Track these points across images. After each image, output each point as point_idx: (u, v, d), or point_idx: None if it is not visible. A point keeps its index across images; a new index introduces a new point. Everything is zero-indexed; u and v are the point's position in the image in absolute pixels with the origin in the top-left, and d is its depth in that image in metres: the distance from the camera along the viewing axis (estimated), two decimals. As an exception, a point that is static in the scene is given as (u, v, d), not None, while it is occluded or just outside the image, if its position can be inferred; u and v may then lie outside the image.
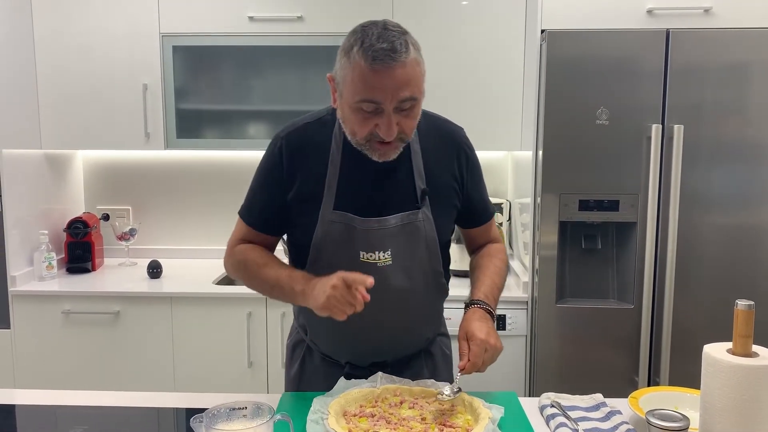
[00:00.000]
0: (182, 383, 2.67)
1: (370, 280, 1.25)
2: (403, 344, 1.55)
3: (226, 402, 1.11)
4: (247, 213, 1.52)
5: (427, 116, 1.53)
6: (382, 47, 1.27)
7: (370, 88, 1.28)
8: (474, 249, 1.67)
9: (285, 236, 1.57)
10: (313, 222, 1.43)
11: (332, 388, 1.39)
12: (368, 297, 1.24)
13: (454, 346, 1.68)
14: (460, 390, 1.34)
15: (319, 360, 1.58)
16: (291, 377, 1.63)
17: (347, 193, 1.42)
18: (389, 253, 1.43)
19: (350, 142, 1.41)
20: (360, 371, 1.50)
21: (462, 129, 1.58)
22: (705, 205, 2.35)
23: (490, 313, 1.45)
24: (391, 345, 1.52)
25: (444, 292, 1.58)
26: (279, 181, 1.45)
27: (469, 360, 1.33)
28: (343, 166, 1.43)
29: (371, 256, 1.42)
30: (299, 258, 1.48)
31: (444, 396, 1.32)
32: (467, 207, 1.56)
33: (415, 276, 1.47)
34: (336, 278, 1.27)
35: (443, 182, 1.50)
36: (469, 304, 1.47)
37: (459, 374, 1.35)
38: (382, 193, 1.44)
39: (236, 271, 1.52)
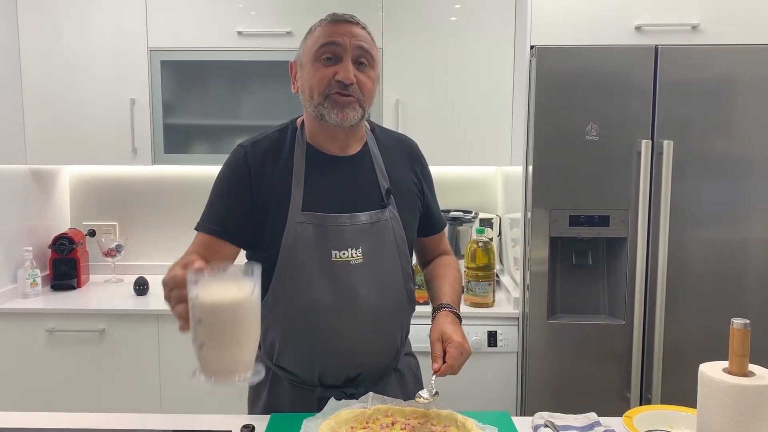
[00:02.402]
0: (169, 403, 2.62)
1: (198, 264, 1.01)
2: (374, 355, 1.49)
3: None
4: (207, 221, 1.45)
5: (382, 128, 1.62)
6: (343, 14, 1.44)
7: (330, 34, 1.40)
8: (427, 261, 1.71)
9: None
10: (281, 226, 1.41)
11: (306, 413, 1.37)
12: (202, 266, 1.02)
13: (422, 364, 1.68)
14: (437, 393, 1.33)
15: (287, 386, 1.51)
16: (260, 411, 1.53)
17: (314, 193, 1.43)
18: (360, 250, 1.43)
19: (313, 146, 1.46)
20: (332, 392, 1.44)
21: (415, 141, 1.65)
22: (695, 220, 2.36)
23: (458, 318, 1.47)
24: (362, 355, 1.47)
25: (412, 303, 1.57)
26: (245, 187, 1.43)
27: (445, 362, 1.34)
28: (308, 169, 1.45)
29: (344, 254, 1.42)
30: (267, 267, 1.38)
31: (422, 399, 1.31)
32: (425, 215, 1.60)
33: (386, 275, 1.47)
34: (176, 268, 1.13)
35: (405, 184, 1.54)
36: (438, 308, 1.49)
37: (434, 377, 1.34)
38: (349, 192, 1.46)
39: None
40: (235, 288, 0.99)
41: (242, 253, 1.52)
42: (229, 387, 1.01)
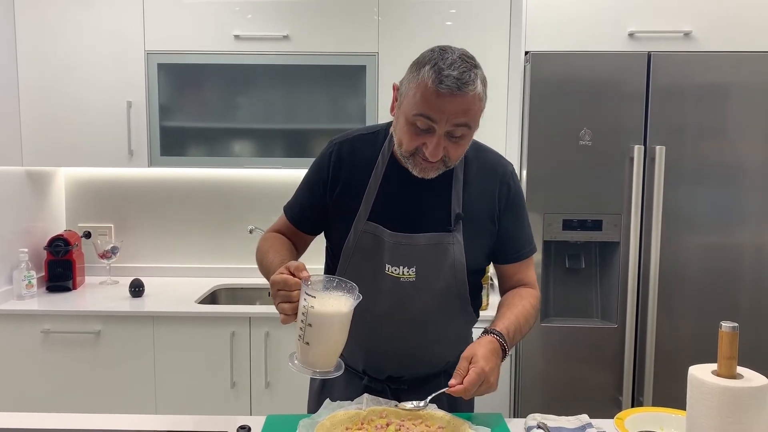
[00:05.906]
0: (164, 405, 2.63)
1: (305, 274, 1.26)
2: (420, 363, 1.53)
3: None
4: (288, 208, 1.60)
5: (478, 147, 1.55)
6: (452, 74, 1.31)
7: (429, 106, 1.32)
8: (505, 289, 1.64)
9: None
10: (347, 230, 1.47)
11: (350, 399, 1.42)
12: (307, 276, 1.25)
13: None
14: (428, 404, 1.34)
15: None
16: (315, 389, 1.64)
17: (383, 206, 1.47)
18: (414, 269, 1.45)
19: (396, 158, 1.47)
20: (378, 384, 1.52)
21: (510, 164, 1.57)
22: (687, 225, 2.38)
23: (503, 349, 1.38)
24: (407, 362, 1.52)
25: (471, 318, 1.56)
26: (323, 184, 1.51)
27: (461, 384, 1.28)
28: (385, 181, 1.48)
29: (395, 270, 1.45)
30: (332, 263, 1.54)
31: (408, 406, 1.33)
32: (501, 240, 1.53)
33: (437, 297, 1.47)
34: (281, 268, 1.29)
35: (480, 212, 1.50)
36: (487, 331, 1.41)
37: (441, 390, 1.33)
38: (418, 211, 1.47)
39: (257, 255, 1.55)
40: (341, 303, 1.24)
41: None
42: (313, 376, 1.29)
